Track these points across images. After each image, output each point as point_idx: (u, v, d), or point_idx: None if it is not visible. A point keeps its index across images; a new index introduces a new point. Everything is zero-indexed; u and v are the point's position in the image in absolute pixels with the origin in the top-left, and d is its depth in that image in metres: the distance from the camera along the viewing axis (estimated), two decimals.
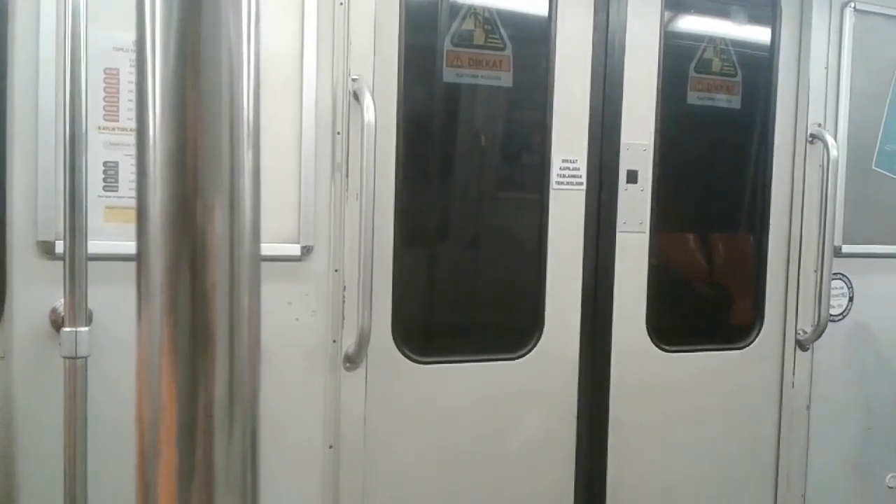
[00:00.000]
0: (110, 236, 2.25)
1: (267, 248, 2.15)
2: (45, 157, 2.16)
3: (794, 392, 3.35)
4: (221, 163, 0.55)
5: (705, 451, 3.28)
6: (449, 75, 2.84)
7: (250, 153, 0.56)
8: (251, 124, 0.56)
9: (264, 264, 0.59)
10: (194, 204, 0.54)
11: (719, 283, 3.53)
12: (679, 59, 3.18)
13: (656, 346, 3.17)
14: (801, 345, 3.34)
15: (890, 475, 3.59)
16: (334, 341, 2.57)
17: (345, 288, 2.55)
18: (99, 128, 2.22)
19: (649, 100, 3.08)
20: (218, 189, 0.54)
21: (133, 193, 2.03)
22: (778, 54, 3.30)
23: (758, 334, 3.34)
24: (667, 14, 3.12)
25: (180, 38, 0.53)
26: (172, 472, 0.54)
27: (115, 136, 2.25)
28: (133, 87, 2.22)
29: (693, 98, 3.23)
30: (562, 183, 2.97)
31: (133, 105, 2.23)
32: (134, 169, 1.95)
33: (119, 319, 2.25)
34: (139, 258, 0.55)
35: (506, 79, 2.92)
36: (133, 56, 2.23)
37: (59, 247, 2.15)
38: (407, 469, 2.81)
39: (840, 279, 3.39)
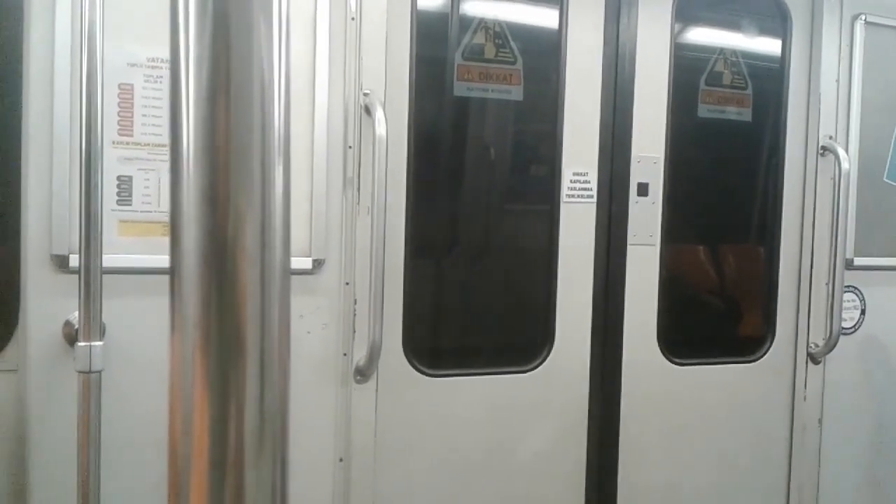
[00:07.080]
0: (124, 250, 2.26)
1: None
2: (60, 171, 2.18)
3: (805, 406, 3.33)
4: (253, 182, 0.55)
5: (716, 465, 3.26)
6: (460, 89, 2.85)
7: (280, 171, 0.56)
8: (282, 143, 0.56)
9: None
10: (226, 226, 0.54)
11: (730, 296, 3.51)
12: (690, 71, 3.18)
13: (667, 359, 3.16)
14: (813, 358, 3.32)
15: None
16: (345, 354, 2.57)
17: (356, 301, 2.55)
18: (113, 142, 2.23)
19: (660, 112, 3.08)
20: (250, 208, 0.54)
21: (146, 207, 2.02)
22: (788, 67, 3.30)
23: (769, 347, 3.33)
24: (677, 27, 3.12)
25: (213, 61, 0.53)
26: (204, 501, 0.53)
27: (129, 151, 2.26)
28: (147, 101, 2.26)
29: (704, 111, 3.22)
30: (572, 196, 2.97)
31: (147, 120, 2.26)
32: (148, 183, 1.94)
33: (132, 332, 2.26)
34: (172, 282, 0.55)
35: (516, 92, 2.92)
36: (147, 71, 2.27)
37: (74, 260, 2.15)
38: (418, 482, 2.80)
39: (852, 292, 3.37)
